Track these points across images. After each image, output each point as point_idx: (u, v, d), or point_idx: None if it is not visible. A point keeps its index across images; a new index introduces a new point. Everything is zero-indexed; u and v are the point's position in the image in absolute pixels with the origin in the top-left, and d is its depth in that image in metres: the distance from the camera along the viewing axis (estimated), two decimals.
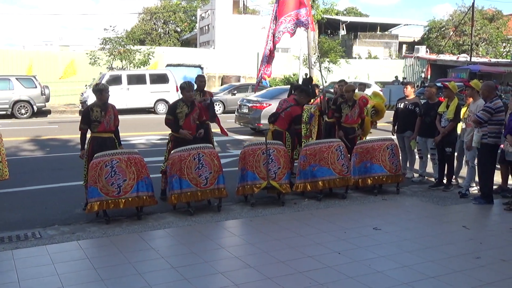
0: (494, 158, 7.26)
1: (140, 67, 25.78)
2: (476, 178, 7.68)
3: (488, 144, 7.05)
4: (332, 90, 10.81)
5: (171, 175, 6.44)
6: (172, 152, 6.55)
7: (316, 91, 9.76)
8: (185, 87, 6.92)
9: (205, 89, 8.64)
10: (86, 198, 6.50)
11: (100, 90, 6.52)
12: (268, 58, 9.00)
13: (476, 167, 7.51)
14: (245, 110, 15.17)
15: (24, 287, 4.30)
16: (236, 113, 15.95)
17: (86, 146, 6.57)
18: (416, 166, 9.05)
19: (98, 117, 6.47)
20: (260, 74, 9.24)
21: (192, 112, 6.95)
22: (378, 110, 10.79)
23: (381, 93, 13.00)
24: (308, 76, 9.32)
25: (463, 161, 8.23)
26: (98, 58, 24.27)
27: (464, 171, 8.16)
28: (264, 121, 14.12)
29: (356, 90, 9.14)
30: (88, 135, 6.63)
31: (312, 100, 9.49)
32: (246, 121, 15.18)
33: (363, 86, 14.07)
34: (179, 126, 6.88)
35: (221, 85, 29.18)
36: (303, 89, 7.93)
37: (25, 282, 4.38)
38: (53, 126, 17.17)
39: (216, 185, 6.56)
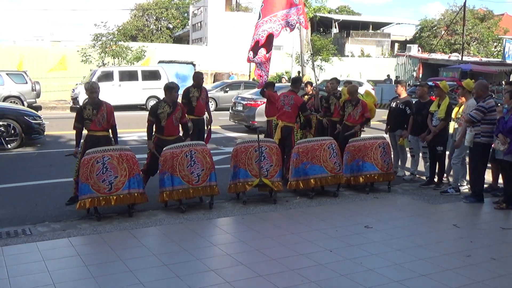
0: (486, 157, 7.30)
1: (133, 63, 25.63)
2: (467, 177, 7.73)
3: (481, 143, 7.09)
4: (324, 88, 10.85)
5: (162, 172, 6.42)
6: (164, 149, 6.51)
7: (310, 88, 9.78)
8: (168, 87, 6.88)
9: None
10: (75, 193, 6.50)
11: (86, 90, 6.59)
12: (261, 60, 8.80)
13: (467, 165, 7.55)
14: (240, 108, 15.17)
15: (15, 283, 4.26)
16: (230, 110, 15.93)
17: (81, 143, 6.59)
18: (408, 164, 9.09)
19: (90, 115, 6.50)
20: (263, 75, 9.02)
21: (174, 112, 6.86)
22: (369, 110, 10.81)
23: (372, 92, 13.05)
24: (299, 75, 9.41)
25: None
26: (90, 55, 24.10)
27: None
28: (259, 118, 14.14)
29: (340, 88, 9.31)
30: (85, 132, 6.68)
31: (307, 98, 9.52)
32: (241, 118, 15.18)
33: (348, 83, 14.20)
34: (162, 128, 6.80)
35: (213, 82, 29.14)
36: (293, 79, 8.83)
37: (15, 279, 4.35)
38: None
39: (208, 183, 6.54)
